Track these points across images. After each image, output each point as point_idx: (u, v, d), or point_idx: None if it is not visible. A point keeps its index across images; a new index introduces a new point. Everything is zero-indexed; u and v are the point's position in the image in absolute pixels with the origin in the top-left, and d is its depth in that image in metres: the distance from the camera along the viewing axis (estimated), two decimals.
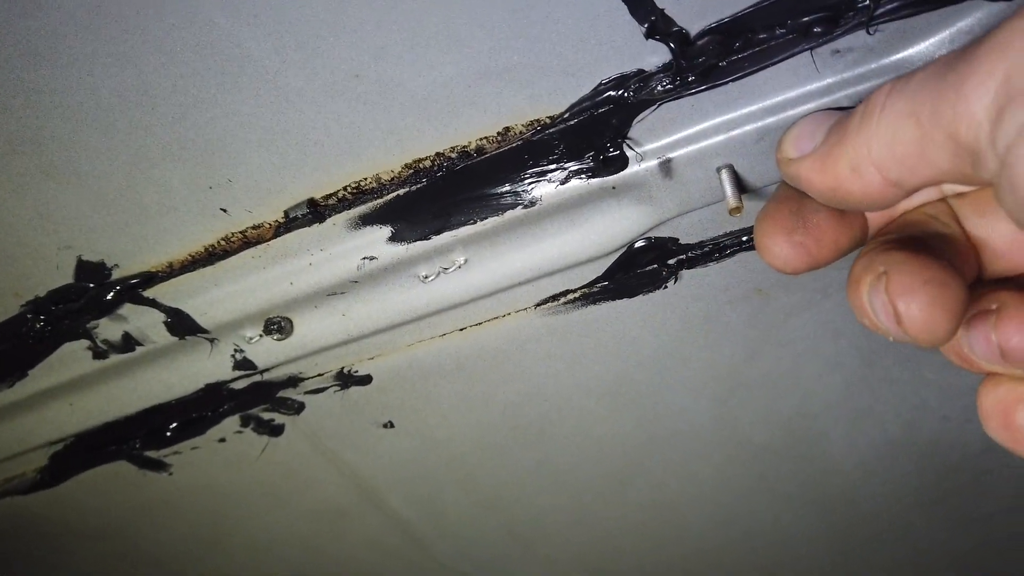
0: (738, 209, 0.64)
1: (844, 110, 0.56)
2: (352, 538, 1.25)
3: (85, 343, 0.87)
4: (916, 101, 0.44)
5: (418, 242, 0.74)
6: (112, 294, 0.82)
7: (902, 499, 1.12)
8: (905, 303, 0.46)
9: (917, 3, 0.56)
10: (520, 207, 0.71)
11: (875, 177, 0.48)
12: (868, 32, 0.58)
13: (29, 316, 0.85)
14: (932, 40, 0.58)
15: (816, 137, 0.52)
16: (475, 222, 0.72)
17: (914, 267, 0.47)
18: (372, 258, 0.75)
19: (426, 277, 0.78)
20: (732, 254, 0.77)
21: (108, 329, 0.85)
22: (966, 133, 0.41)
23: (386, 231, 0.75)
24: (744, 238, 0.75)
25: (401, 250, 0.75)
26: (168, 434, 1.00)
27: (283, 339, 0.83)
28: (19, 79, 0.65)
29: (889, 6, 0.57)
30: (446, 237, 0.73)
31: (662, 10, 0.58)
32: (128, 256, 0.80)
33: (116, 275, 0.81)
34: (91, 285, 0.82)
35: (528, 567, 1.32)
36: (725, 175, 0.65)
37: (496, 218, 0.72)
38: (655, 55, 0.62)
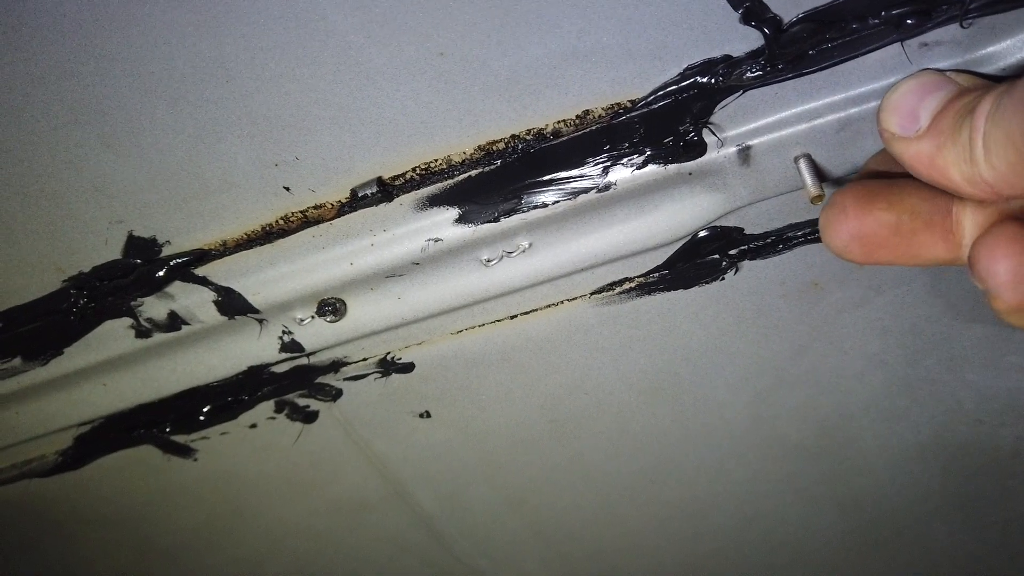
0: (820, 197, 0.64)
1: (943, 76, 0.56)
2: (371, 532, 1.23)
3: (128, 321, 0.86)
4: (1012, 126, 0.46)
5: (486, 224, 0.74)
6: (162, 271, 0.80)
7: (926, 502, 1.13)
8: None
9: None
10: (594, 191, 0.71)
11: (988, 190, 0.49)
12: (962, 26, 0.58)
13: (72, 292, 0.83)
14: (1020, 36, 0.59)
15: (921, 117, 0.53)
16: (546, 205, 0.72)
17: None
18: (438, 240, 0.75)
19: (488, 261, 0.77)
20: (794, 246, 0.77)
21: (154, 307, 0.84)
22: None
23: (453, 212, 0.74)
24: (808, 230, 0.76)
25: (467, 232, 0.74)
26: (201, 418, 0.98)
27: (336, 321, 0.82)
28: (91, 45, 0.64)
29: (983, 0, 0.57)
30: (515, 220, 0.73)
31: None
32: (181, 233, 0.78)
33: (167, 252, 0.80)
34: (139, 261, 0.81)
35: (545, 565, 1.31)
36: (804, 164, 0.66)
37: (568, 202, 0.72)
38: (744, 41, 0.62)
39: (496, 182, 0.72)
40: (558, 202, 0.72)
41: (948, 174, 0.52)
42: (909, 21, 0.58)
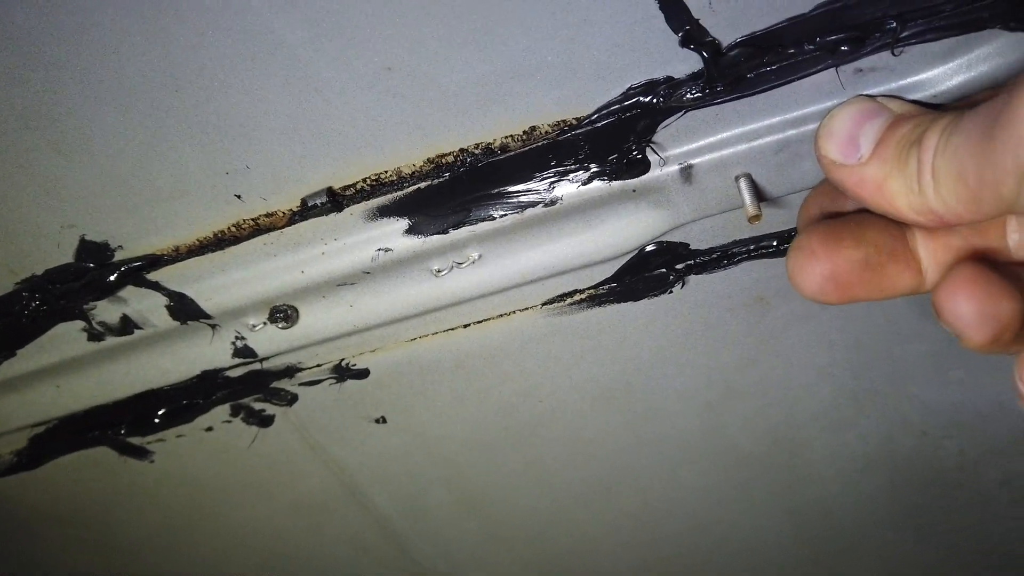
0: (757, 217, 0.65)
1: (878, 102, 0.57)
2: (330, 533, 1.24)
3: (80, 324, 0.86)
4: (963, 164, 0.47)
5: (435, 236, 0.75)
6: (115, 276, 0.81)
7: (875, 511, 1.15)
8: None
9: (940, 28, 0.59)
10: (540, 205, 0.72)
11: (936, 219, 0.51)
12: (893, 53, 0.60)
13: (24, 294, 0.83)
14: (951, 64, 0.61)
15: (862, 144, 0.55)
16: (494, 218, 0.73)
17: None
18: (387, 249, 0.76)
19: (439, 271, 0.78)
20: (739, 262, 0.78)
21: (106, 311, 0.84)
22: (1007, 193, 0.44)
23: (403, 223, 0.75)
24: (752, 247, 0.77)
25: (417, 243, 0.75)
26: (156, 421, 0.98)
27: (288, 327, 0.83)
28: (40, 52, 0.64)
29: (914, 29, 0.59)
30: (463, 232, 0.74)
31: (697, 20, 0.60)
32: (133, 238, 0.79)
33: (119, 256, 0.80)
34: (92, 265, 0.81)
35: (502, 567, 1.32)
36: (744, 184, 0.67)
37: (515, 215, 0.73)
38: (685, 63, 0.63)
39: (445, 194, 0.73)
40: (506, 215, 0.73)
41: (895, 203, 0.53)
42: (843, 48, 0.60)
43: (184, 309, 0.83)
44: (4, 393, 0.94)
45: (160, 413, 0.98)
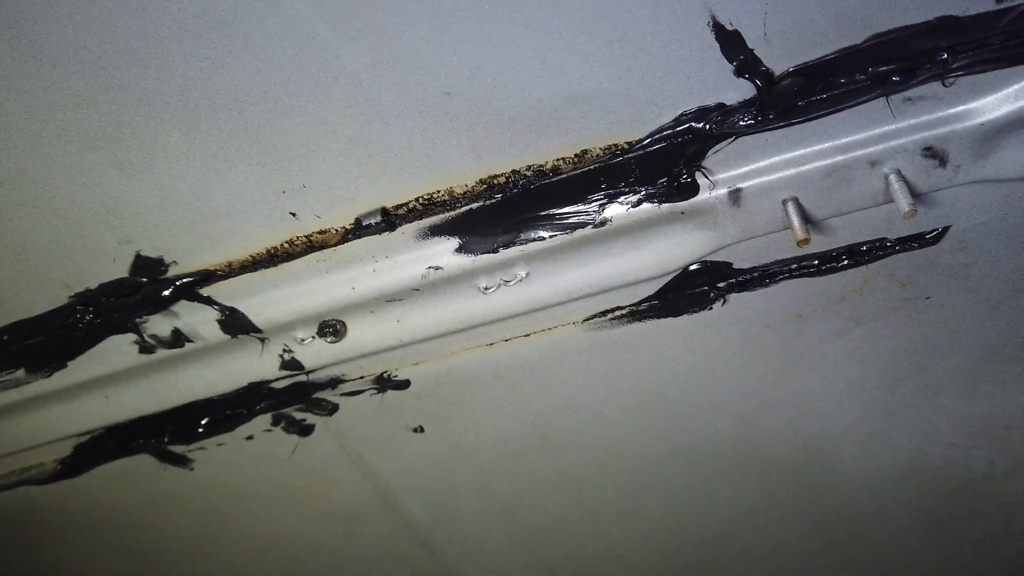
0: (807, 240, 0.67)
1: None
2: (362, 540, 1.26)
3: (132, 337, 0.88)
4: None
5: (485, 255, 0.77)
6: (168, 290, 0.83)
7: (902, 520, 1.17)
8: None
9: (989, 60, 0.61)
10: (590, 226, 0.73)
11: None
12: (944, 84, 0.62)
13: (79, 307, 0.85)
14: (999, 94, 0.63)
15: None
16: (544, 238, 0.75)
17: None
18: (438, 268, 0.78)
19: (486, 289, 0.80)
20: (780, 280, 0.80)
21: (158, 324, 0.86)
22: None
23: (454, 242, 0.77)
24: (794, 266, 0.79)
25: (467, 261, 0.77)
26: (199, 430, 1.00)
27: (336, 341, 0.85)
28: (109, 76, 0.66)
29: (964, 61, 0.61)
30: (513, 251, 0.76)
31: (752, 50, 0.62)
32: (188, 254, 0.81)
33: (173, 272, 0.82)
34: (146, 280, 0.83)
35: (531, 573, 1.34)
36: (792, 207, 0.69)
37: (564, 236, 0.74)
38: (736, 91, 0.65)
39: (496, 215, 0.74)
40: (555, 236, 0.75)
41: None
42: (895, 78, 0.62)
43: (235, 323, 0.85)
44: (53, 403, 0.96)
45: (204, 422, 1.00)
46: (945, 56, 0.60)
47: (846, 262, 0.78)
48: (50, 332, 0.88)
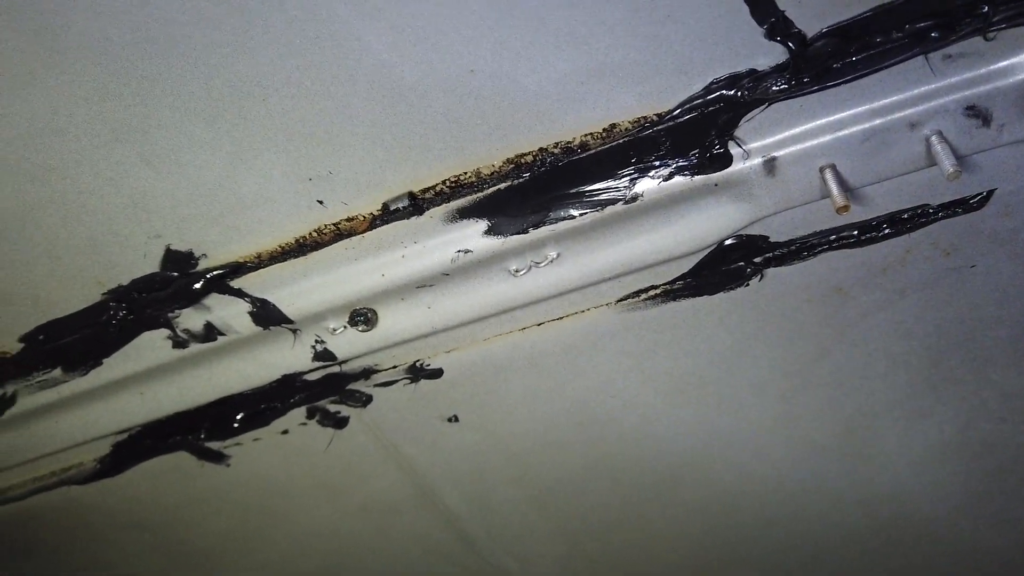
0: (846, 208, 0.65)
1: None
2: (399, 533, 1.25)
3: (165, 332, 0.88)
4: None
5: (514, 236, 0.75)
6: (199, 284, 0.83)
7: (949, 500, 1.14)
8: None
9: None
10: (620, 203, 0.72)
11: None
12: (985, 38, 0.60)
13: (111, 304, 0.86)
14: None
15: None
16: (574, 217, 0.73)
17: None
18: (467, 251, 0.77)
19: (517, 271, 0.79)
20: (819, 253, 0.78)
21: (191, 319, 0.86)
22: None
23: (483, 225, 0.76)
24: (833, 237, 0.77)
25: (497, 243, 0.76)
26: (235, 425, 1.00)
27: (367, 331, 0.84)
28: (132, 67, 0.66)
29: (1006, 13, 0.58)
30: (543, 231, 0.75)
31: (783, 12, 0.60)
32: (217, 246, 0.81)
33: (203, 265, 0.82)
34: (176, 274, 0.83)
35: (571, 564, 1.33)
36: (830, 174, 0.67)
37: (595, 213, 0.73)
38: (769, 56, 0.63)
39: (525, 195, 0.73)
40: (585, 213, 0.73)
41: None
42: (933, 35, 0.60)
43: (267, 315, 0.84)
44: (91, 401, 0.97)
45: (239, 417, 1.00)
46: (986, 9, 0.58)
47: (887, 231, 0.75)
48: (84, 330, 0.88)
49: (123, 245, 0.80)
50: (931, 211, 0.74)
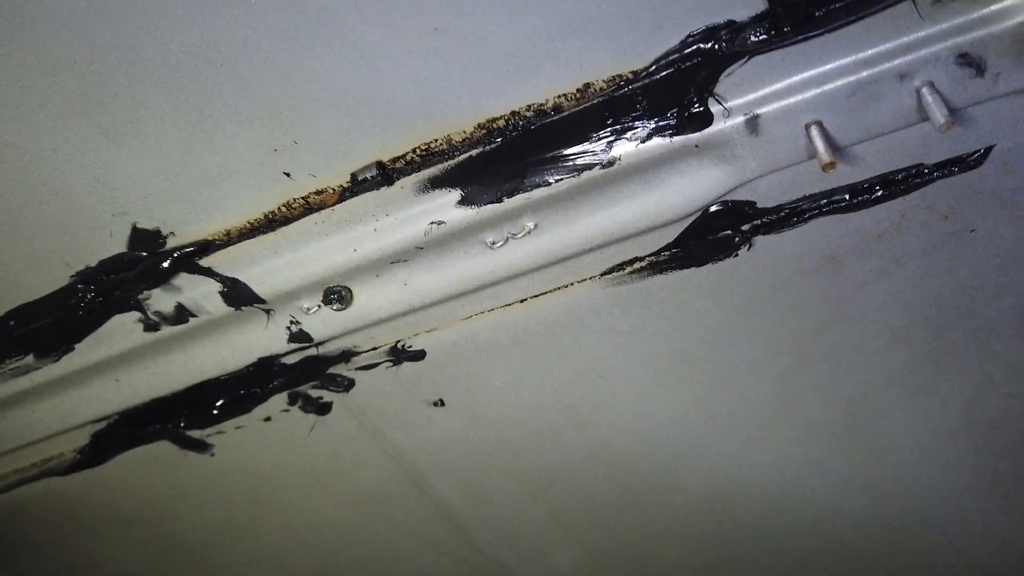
0: (832, 165, 0.62)
1: None
2: (391, 524, 1.23)
3: (136, 315, 0.85)
4: None
5: (489, 205, 0.72)
6: (167, 263, 0.80)
7: (957, 480, 1.10)
8: None
9: None
10: (598, 167, 0.69)
11: None
12: None
13: (80, 287, 0.83)
14: None
15: None
16: (550, 183, 0.70)
17: None
18: (440, 222, 0.74)
19: (493, 243, 0.76)
20: (809, 219, 0.75)
21: (161, 300, 0.83)
22: None
23: (456, 194, 0.73)
24: (823, 202, 0.73)
25: (471, 214, 0.73)
26: (214, 412, 0.98)
27: (342, 309, 0.81)
28: (85, 34, 0.63)
29: None
30: (518, 200, 0.72)
31: None
32: (185, 223, 0.78)
33: (171, 243, 0.79)
34: (145, 254, 0.80)
35: (568, 554, 1.30)
36: (815, 131, 0.64)
37: (571, 179, 0.70)
38: (747, 6, 0.60)
39: (498, 161, 0.70)
40: (562, 180, 0.70)
41: None
42: None
43: (238, 294, 0.82)
44: (66, 388, 0.95)
45: (218, 404, 0.97)
46: None
47: (880, 193, 0.72)
48: (54, 314, 0.86)
49: (88, 225, 0.78)
50: (926, 171, 0.70)
